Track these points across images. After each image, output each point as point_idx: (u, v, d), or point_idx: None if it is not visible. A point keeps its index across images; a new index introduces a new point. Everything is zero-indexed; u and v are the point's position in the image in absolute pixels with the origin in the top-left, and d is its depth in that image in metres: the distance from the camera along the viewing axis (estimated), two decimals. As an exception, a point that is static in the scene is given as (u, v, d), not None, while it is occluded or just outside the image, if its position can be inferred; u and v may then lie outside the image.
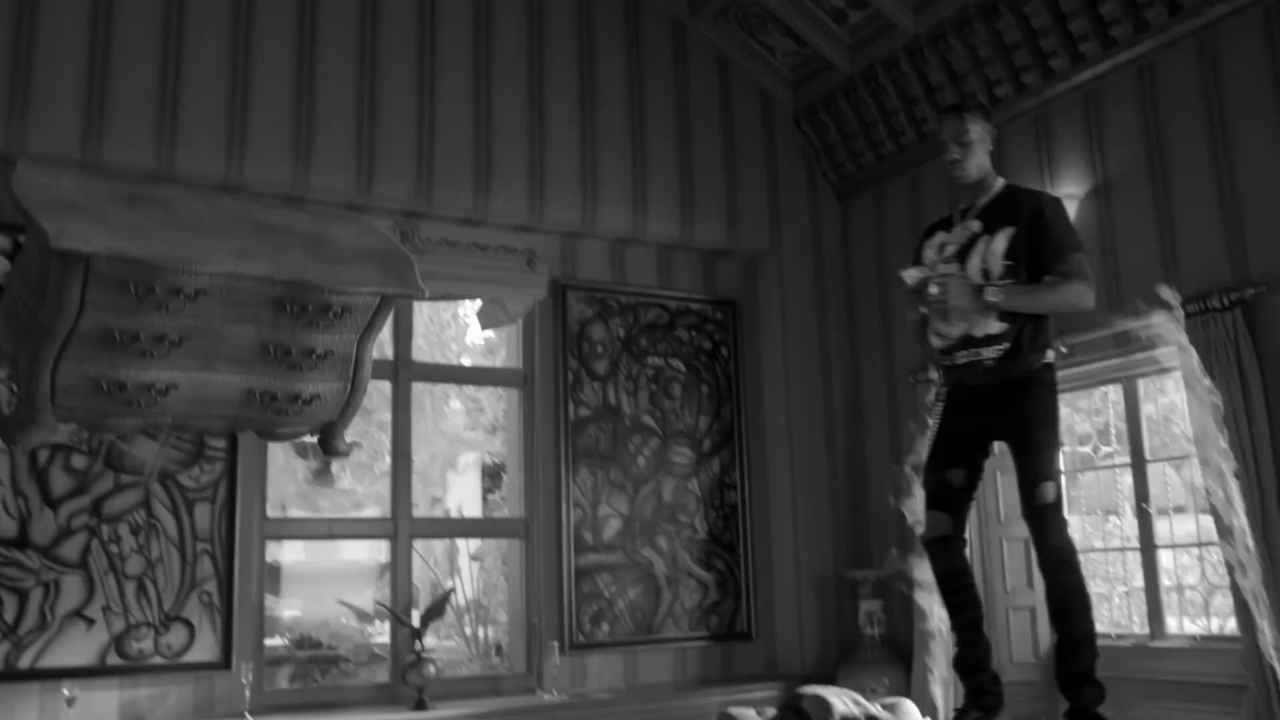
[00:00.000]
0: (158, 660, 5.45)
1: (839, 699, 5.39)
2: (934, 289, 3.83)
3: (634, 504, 6.70)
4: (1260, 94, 5.30)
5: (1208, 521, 6.59)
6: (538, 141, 6.51)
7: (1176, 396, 6.73)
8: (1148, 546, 6.22)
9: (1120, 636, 6.40)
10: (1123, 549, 6.81)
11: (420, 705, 5.67)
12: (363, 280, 3.64)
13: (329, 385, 3.72)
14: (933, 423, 4.17)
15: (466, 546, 8.41)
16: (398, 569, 6.14)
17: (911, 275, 4.05)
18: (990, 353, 3.81)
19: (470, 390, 10.48)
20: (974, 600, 4.00)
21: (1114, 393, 6.55)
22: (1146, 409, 6.37)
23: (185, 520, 5.59)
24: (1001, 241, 3.92)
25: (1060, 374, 6.38)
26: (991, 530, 6.64)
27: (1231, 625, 6.07)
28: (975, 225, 4.08)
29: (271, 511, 6.04)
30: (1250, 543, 4.99)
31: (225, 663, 5.55)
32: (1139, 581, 6.84)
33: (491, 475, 10.54)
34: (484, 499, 10.51)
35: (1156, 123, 5.76)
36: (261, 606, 5.83)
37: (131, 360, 3.32)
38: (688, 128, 7.07)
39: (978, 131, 4.19)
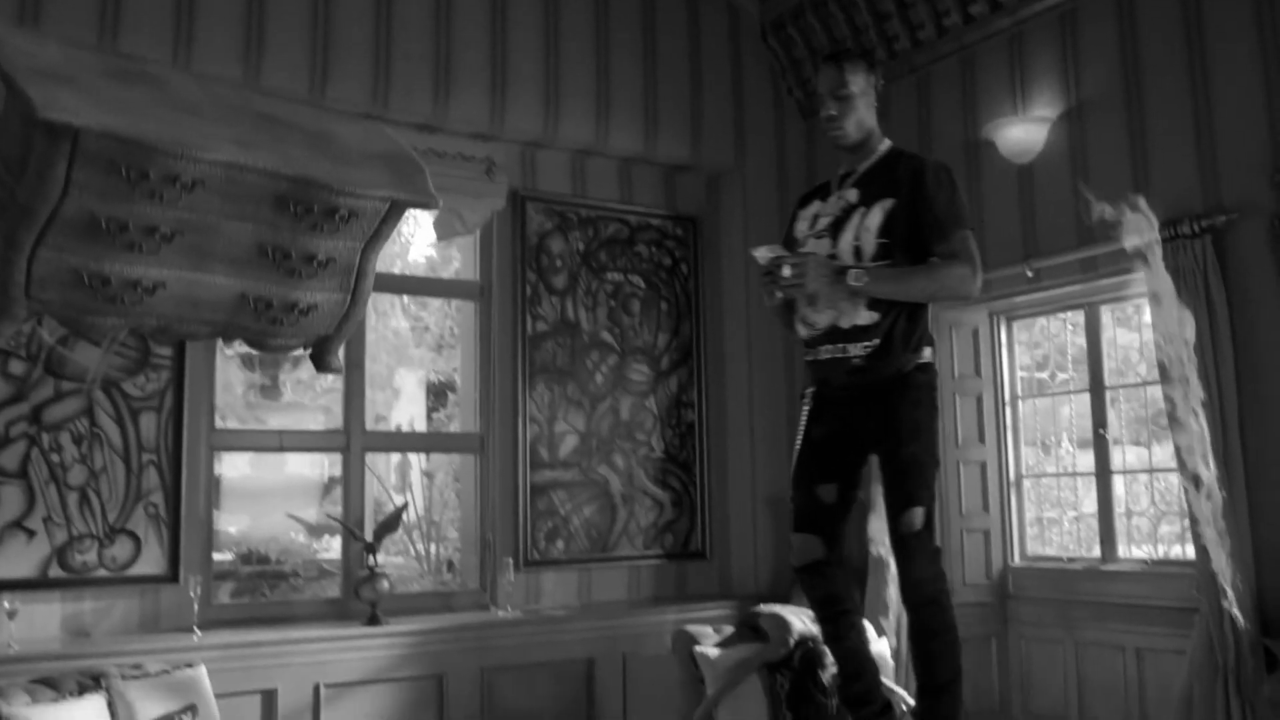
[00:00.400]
0: (102, 573, 5.30)
1: (796, 618, 5.40)
2: (787, 270, 3.19)
3: (591, 421, 6.61)
4: (1240, 16, 5.22)
5: (1159, 451, 6.66)
6: (499, 48, 6.28)
7: (1135, 329, 6.75)
8: (1103, 472, 6.26)
9: (1071, 560, 6.47)
10: (1073, 474, 6.86)
11: (373, 620, 5.59)
12: (373, 183, 3.35)
13: (327, 296, 3.44)
14: (800, 427, 3.48)
15: (418, 462, 8.29)
16: (350, 482, 6.01)
17: (762, 254, 3.43)
18: (857, 349, 3.24)
19: (414, 309, 10.28)
20: (854, 626, 3.46)
21: (1073, 319, 6.55)
22: (1106, 336, 6.37)
23: (130, 430, 5.41)
24: (877, 215, 3.36)
25: (1022, 299, 6.48)
26: (949, 453, 6.63)
27: (1179, 550, 6.17)
28: (852, 195, 3.50)
29: (219, 422, 5.87)
30: (1212, 470, 5.01)
31: (172, 576, 5.42)
32: (1087, 507, 6.92)
33: (436, 394, 10.40)
34: (429, 418, 10.38)
35: (1134, 44, 5.67)
36: (209, 519, 5.68)
37: (118, 253, 3.02)
38: (653, 39, 6.86)
39: (859, 84, 3.59)
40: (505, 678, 5.86)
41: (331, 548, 7.99)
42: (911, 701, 4.00)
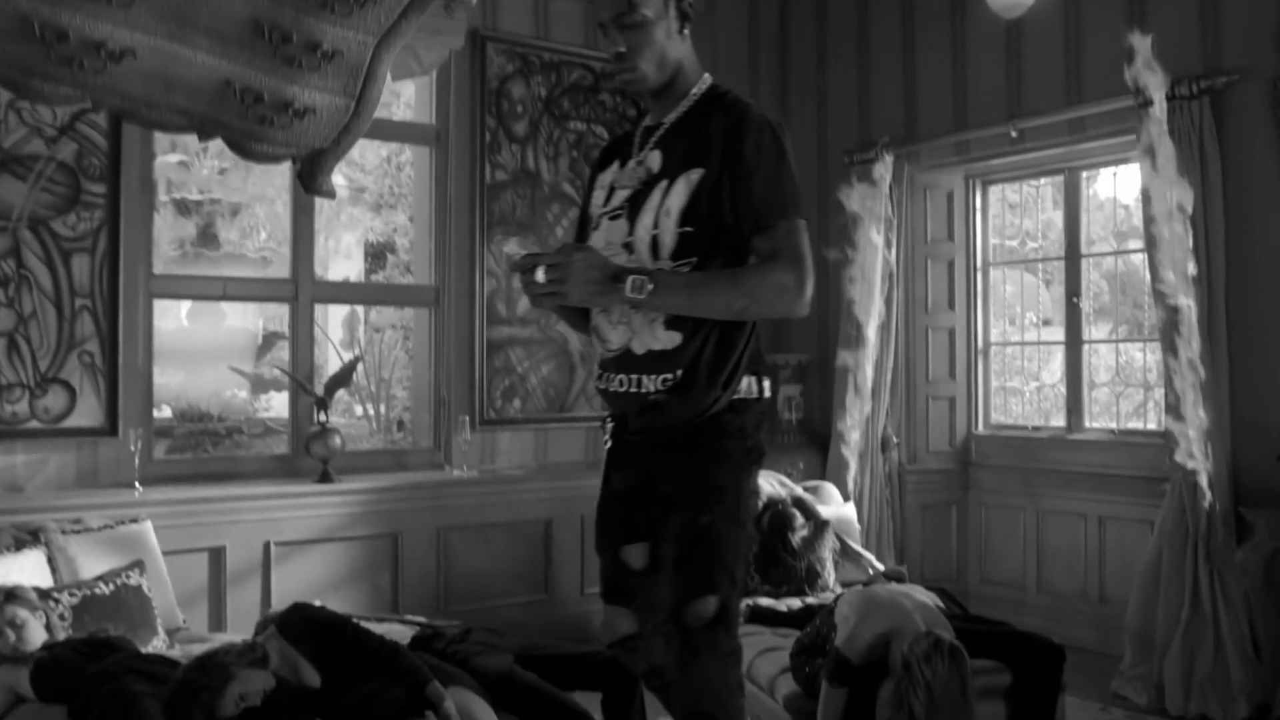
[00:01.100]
0: (34, 425, 4.98)
1: (765, 480, 5.27)
2: (541, 274, 2.24)
3: (550, 277, 6.33)
4: None
5: (1127, 325, 6.58)
6: None
7: (1118, 193, 6.59)
8: (1074, 342, 6.16)
9: (1036, 429, 6.40)
10: (1044, 343, 6.77)
11: (325, 478, 5.36)
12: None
13: (328, 99, 2.89)
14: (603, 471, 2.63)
15: (365, 317, 7.97)
16: (298, 335, 5.71)
17: (520, 256, 2.46)
18: (653, 383, 2.33)
19: (348, 171, 9.71)
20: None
21: (1053, 185, 6.37)
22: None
23: (61, 273, 5.04)
24: (680, 193, 2.36)
25: (1001, 161, 6.28)
26: (917, 319, 6.49)
27: (1140, 423, 6.13)
28: (654, 161, 2.48)
29: (158, 267, 5.51)
30: (1195, 343, 4.90)
31: (110, 429, 5.11)
32: (1048, 378, 6.86)
33: (375, 255, 10.00)
34: (366, 279, 9.99)
35: (1140, -110, 5.36)
36: (149, 371, 5.35)
37: (80, 2, 2.51)
38: None
39: (655, 6, 2.49)
40: (461, 537, 5.70)
41: (273, 406, 7.70)
42: None
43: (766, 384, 2.39)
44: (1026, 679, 3.88)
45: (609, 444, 2.50)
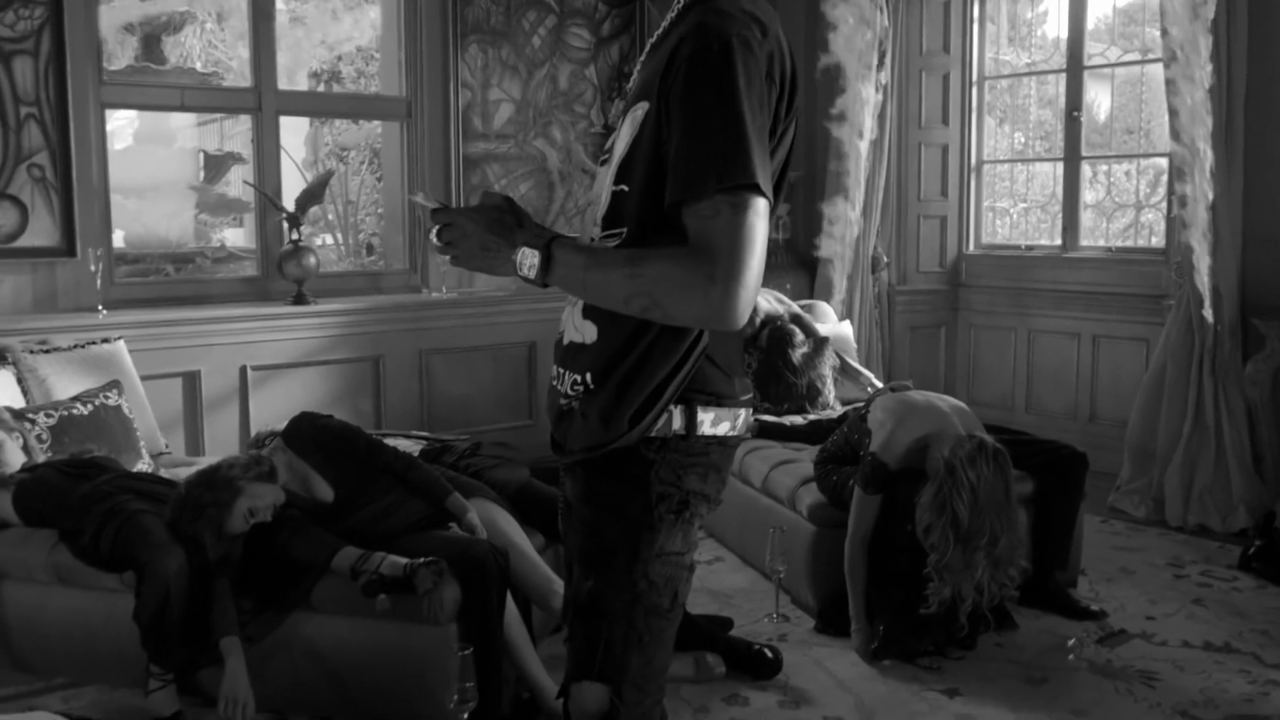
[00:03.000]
0: (-14, 245, 4.64)
1: (763, 298, 5.09)
2: (433, 236, 1.76)
3: (527, 89, 5.98)
4: None
5: (1129, 141, 6.39)
6: None
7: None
8: (1072, 157, 5.97)
9: (1030, 248, 6.26)
10: (1041, 159, 6.58)
11: (300, 299, 5.09)
12: None
13: None
14: None
15: (330, 138, 7.53)
16: (263, 149, 5.33)
17: (420, 201, 1.93)
18: (567, 381, 1.75)
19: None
20: None
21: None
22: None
23: (2, 77, 4.62)
24: (624, 139, 1.71)
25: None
26: (910, 135, 6.25)
27: (1145, 239, 6.00)
28: (631, 85, 1.83)
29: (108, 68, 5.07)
30: (1209, 156, 4.72)
31: (68, 249, 4.77)
32: (1035, 196, 6.69)
33: (327, 82, 9.47)
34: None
35: None
36: (105, 185, 4.97)
37: None
38: None
39: None
40: (444, 361, 5.49)
41: (228, 239, 7.31)
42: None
43: (708, 417, 1.69)
44: (1050, 486, 3.80)
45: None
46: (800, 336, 4.86)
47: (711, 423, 1.69)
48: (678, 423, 1.67)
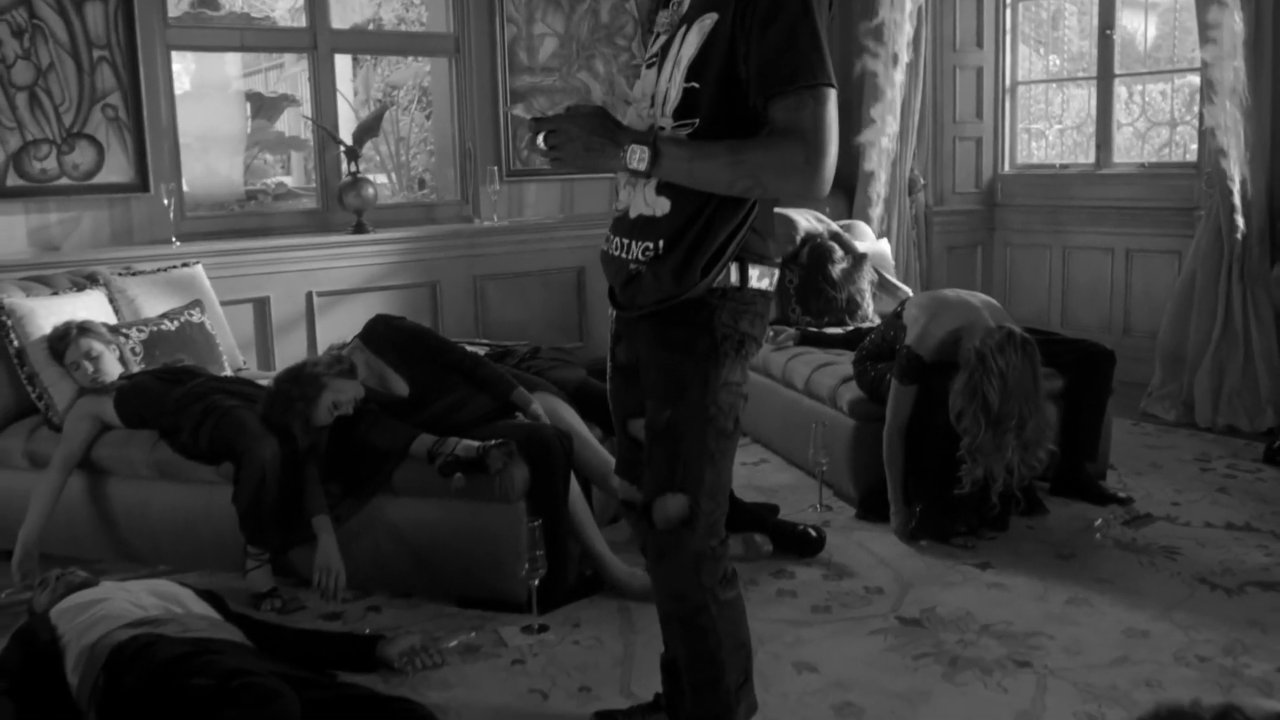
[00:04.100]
0: (65, 182, 4.90)
1: (802, 217, 5.29)
2: (541, 140, 2.03)
3: (570, 22, 6.16)
4: None
5: (1160, 58, 6.49)
6: None
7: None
8: (1105, 75, 6.08)
9: (1065, 167, 6.39)
10: (1074, 79, 6.68)
11: (360, 229, 5.34)
12: None
13: None
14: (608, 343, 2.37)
15: (380, 79, 7.76)
16: (319, 86, 5.58)
17: (530, 119, 2.12)
18: (637, 249, 2.04)
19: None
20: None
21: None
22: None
23: (75, 22, 4.86)
24: (692, 43, 2.00)
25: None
26: (945, 58, 6.38)
27: (1179, 156, 6.12)
28: (687, 2, 2.10)
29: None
30: (1241, 67, 4.84)
31: (142, 185, 5.05)
32: (1070, 119, 6.81)
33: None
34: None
35: None
36: (174, 124, 5.24)
37: None
38: None
39: None
40: (497, 286, 5.74)
41: (290, 171, 7.57)
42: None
43: (755, 273, 2.02)
44: (1079, 381, 3.99)
45: (613, 313, 2.25)
46: (839, 253, 5.06)
47: (758, 277, 2.04)
48: (734, 277, 2.02)
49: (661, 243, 2.00)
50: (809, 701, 2.64)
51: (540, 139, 2.03)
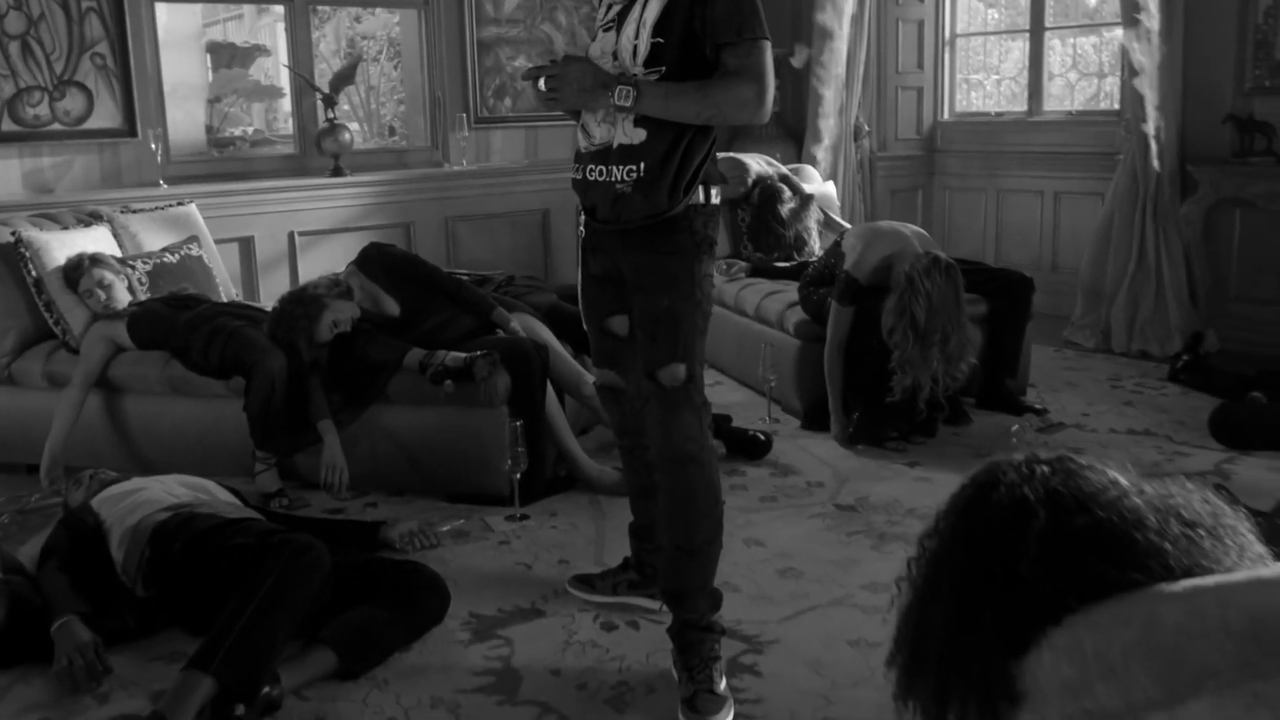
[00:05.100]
0: (57, 127, 5.18)
1: (754, 161, 5.68)
2: (541, 84, 2.52)
3: (534, -24, 6.49)
4: None
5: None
6: None
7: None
8: (1038, 28, 6.50)
9: (1000, 114, 6.82)
10: (1008, 31, 7.09)
11: (338, 172, 5.66)
12: None
13: None
14: (579, 258, 2.85)
15: (351, 30, 8.03)
16: (296, 36, 5.87)
17: (527, 68, 2.73)
18: (620, 172, 2.50)
19: None
20: (644, 464, 2.85)
21: None
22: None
23: (64, -27, 5.14)
24: (654, 8, 2.49)
25: None
26: (889, 11, 6.76)
27: (1107, 105, 6.55)
28: None
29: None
30: (1156, 21, 5.26)
31: (130, 130, 5.34)
32: (1008, 70, 7.23)
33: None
34: None
35: None
36: (159, 72, 5.51)
37: None
38: None
39: None
40: (467, 227, 6.08)
41: (252, 121, 7.83)
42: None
43: (715, 192, 2.55)
44: (1001, 306, 4.44)
45: (583, 233, 2.72)
46: (788, 194, 5.46)
47: (716, 195, 2.57)
48: (701, 196, 2.53)
49: (642, 165, 2.47)
50: (757, 568, 3.09)
51: (540, 83, 2.50)
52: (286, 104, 7.53)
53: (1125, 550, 1.39)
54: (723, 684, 2.44)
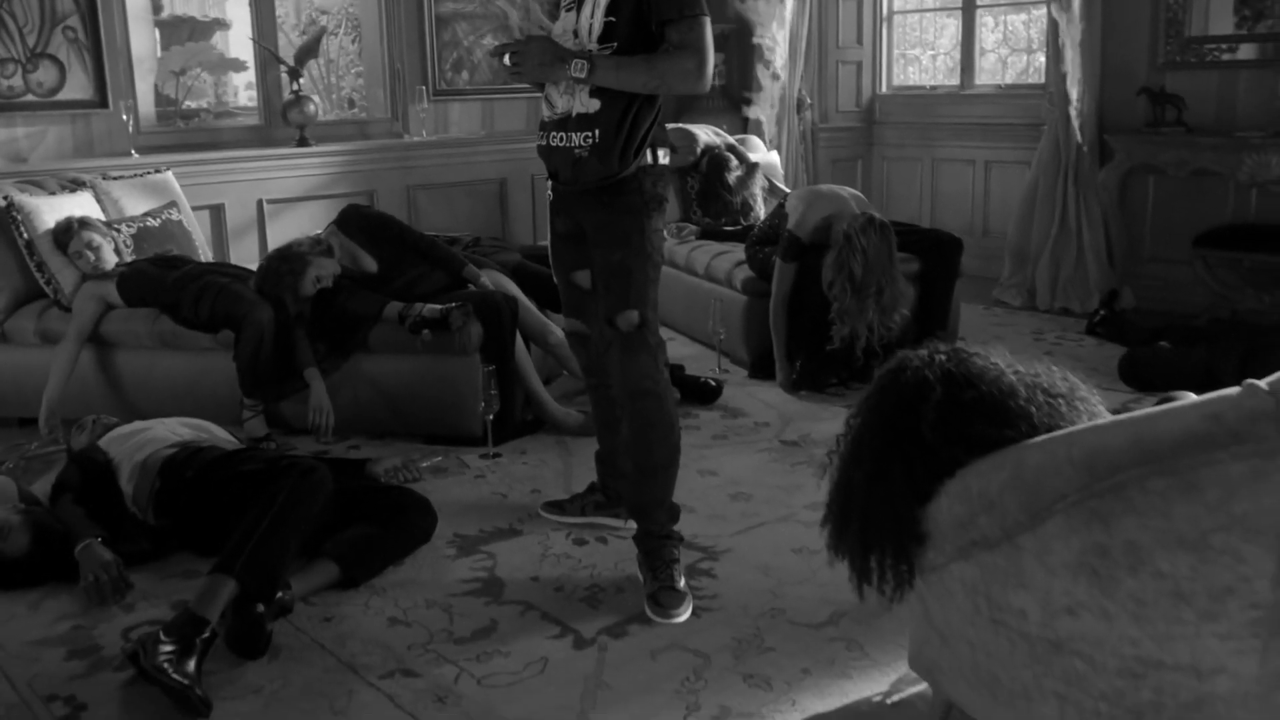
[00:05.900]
0: (30, 98, 5.37)
1: (702, 131, 6.00)
2: (507, 59, 2.83)
3: (489, -47, 6.73)
4: None
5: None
6: None
7: None
8: (969, 6, 6.86)
9: (934, 88, 7.19)
10: (940, 9, 7.46)
11: (303, 142, 5.90)
12: None
13: None
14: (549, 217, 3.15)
15: (311, 3, 8.20)
16: (260, 10, 6.08)
17: (495, 44, 3.01)
18: (579, 138, 2.79)
19: None
20: (609, 400, 3.13)
21: None
22: None
23: (36, -52, 5.32)
24: None
25: None
26: (830, -13, 7.10)
27: (1036, 79, 6.94)
28: None
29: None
30: (1077, 2, 5.65)
31: (101, 101, 5.53)
32: (944, 45, 7.60)
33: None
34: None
35: None
36: (128, 46, 5.70)
37: None
38: None
39: None
40: (427, 195, 6.33)
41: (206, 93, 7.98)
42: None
43: (663, 153, 2.84)
44: (932, 265, 4.80)
45: (550, 196, 3.02)
46: (734, 162, 5.79)
47: (664, 156, 2.88)
48: (649, 158, 2.83)
49: (598, 131, 2.76)
50: (711, 494, 3.43)
51: (506, 58, 2.82)
52: (243, 77, 7.72)
53: (1002, 415, 1.77)
54: (682, 582, 2.79)
